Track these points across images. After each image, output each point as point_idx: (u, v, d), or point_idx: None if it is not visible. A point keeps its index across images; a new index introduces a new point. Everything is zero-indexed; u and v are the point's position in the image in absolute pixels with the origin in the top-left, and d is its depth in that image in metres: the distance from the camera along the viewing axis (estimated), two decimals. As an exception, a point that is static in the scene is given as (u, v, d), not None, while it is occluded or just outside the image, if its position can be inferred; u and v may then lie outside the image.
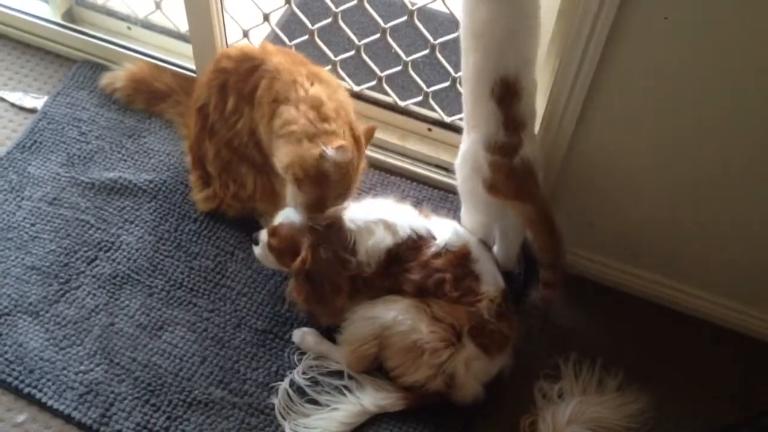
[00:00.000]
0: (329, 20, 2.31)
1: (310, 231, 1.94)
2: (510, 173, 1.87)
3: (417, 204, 2.17)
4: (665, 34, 1.64)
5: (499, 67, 1.78)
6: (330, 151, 1.85)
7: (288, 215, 1.99)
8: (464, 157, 1.96)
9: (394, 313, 1.91)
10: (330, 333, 2.05)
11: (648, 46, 1.68)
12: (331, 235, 1.94)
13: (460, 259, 1.96)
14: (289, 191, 2.04)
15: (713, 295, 2.13)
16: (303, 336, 2.06)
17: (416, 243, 1.96)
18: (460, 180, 2.02)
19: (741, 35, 1.59)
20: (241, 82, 2.02)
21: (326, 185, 1.91)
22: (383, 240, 1.95)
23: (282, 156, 1.93)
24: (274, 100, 1.96)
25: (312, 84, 1.96)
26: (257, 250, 2.06)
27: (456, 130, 2.32)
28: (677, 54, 1.67)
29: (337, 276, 1.95)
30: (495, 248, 2.13)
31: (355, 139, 1.96)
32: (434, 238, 1.97)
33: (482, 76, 1.80)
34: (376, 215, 1.98)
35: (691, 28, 1.61)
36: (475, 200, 2.00)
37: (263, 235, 2.03)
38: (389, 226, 1.96)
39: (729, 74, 1.66)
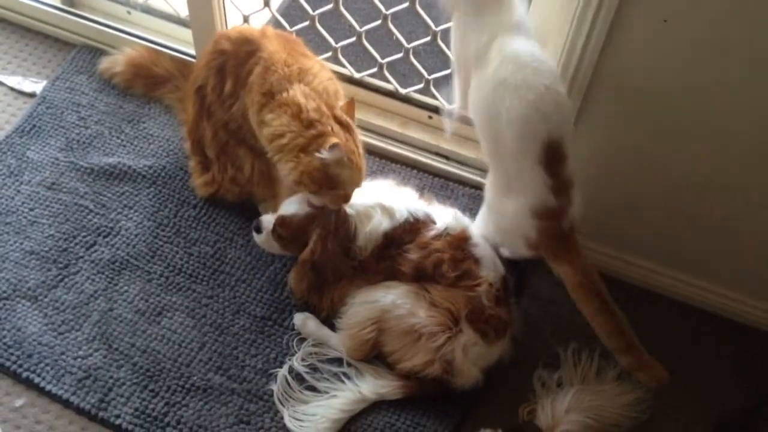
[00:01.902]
0: (330, 6, 2.30)
1: (318, 222, 1.96)
2: (559, 237, 1.83)
3: (418, 191, 2.16)
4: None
5: (543, 136, 1.71)
6: (326, 154, 1.82)
7: (294, 204, 2.00)
8: (503, 218, 1.91)
9: (393, 297, 1.92)
10: (330, 323, 2.05)
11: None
12: (338, 226, 1.96)
13: (459, 241, 1.97)
14: (311, 197, 2.00)
15: (714, 285, 2.13)
16: (304, 320, 2.06)
17: (413, 226, 1.98)
18: (491, 230, 1.99)
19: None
20: (239, 66, 2.01)
21: (340, 183, 1.90)
22: (380, 224, 1.97)
23: (287, 173, 1.92)
24: (267, 93, 1.93)
25: (293, 83, 1.92)
26: (259, 238, 2.06)
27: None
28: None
29: (341, 265, 1.97)
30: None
31: (344, 126, 1.92)
32: (434, 222, 1.98)
33: (525, 150, 1.73)
34: (373, 199, 2.00)
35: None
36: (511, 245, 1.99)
37: (266, 223, 2.03)
38: (386, 210, 1.98)
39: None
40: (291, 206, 2.00)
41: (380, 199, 2.00)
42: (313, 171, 1.86)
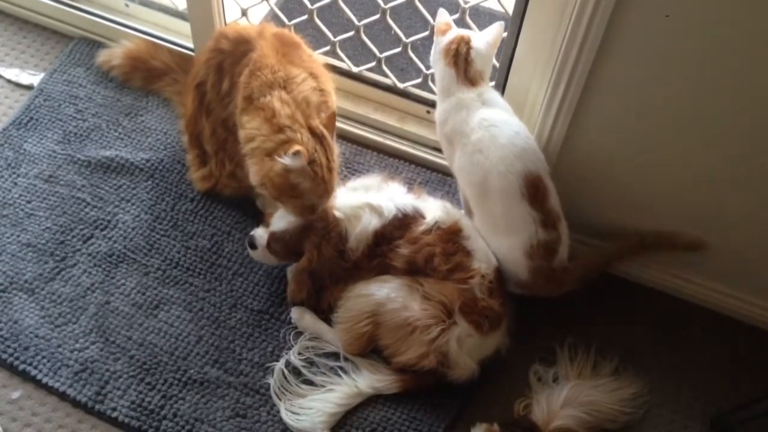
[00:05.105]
0: (329, 0, 2.30)
1: (311, 230, 1.97)
2: (550, 277, 1.95)
3: (407, 184, 2.16)
4: (664, 32, 1.64)
5: (521, 169, 1.88)
6: (288, 160, 1.82)
7: (283, 219, 2.01)
8: (498, 254, 2.01)
9: (387, 291, 1.93)
10: (328, 318, 2.05)
11: (645, 43, 1.68)
12: (329, 231, 1.97)
13: (450, 234, 1.97)
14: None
15: (710, 281, 2.13)
16: (301, 314, 2.06)
17: (402, 222, 1.99)
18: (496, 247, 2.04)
19: (739, 32, 1.58)
20: (234, 65, 2.02)
21: (301, 192, 1.89)
22: (370, 223, 1.98)
23: (253, 175, 1.94)
24: (247, 98, 1.93)
25: (274, 89, 1.91)
26: (255, 253, 2.07)
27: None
28: (674, 51, 1.67)
29: (336, 268, 2.00)
30: None
31: (317, 137, 1.90)
32: (423, 217, 1.99)
33: (507, 188, 1.89)
34: (360, 199, 2.01)
35: (691, 25, 1.61)
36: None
37: (259, 239, 2.04)
38: (374, 208, 2.00)
39: (727, 73, 1.66)
40: (281, 221, 2.01)
41: (367, 198, 2.02)
42: (274, 176, 1.86)
